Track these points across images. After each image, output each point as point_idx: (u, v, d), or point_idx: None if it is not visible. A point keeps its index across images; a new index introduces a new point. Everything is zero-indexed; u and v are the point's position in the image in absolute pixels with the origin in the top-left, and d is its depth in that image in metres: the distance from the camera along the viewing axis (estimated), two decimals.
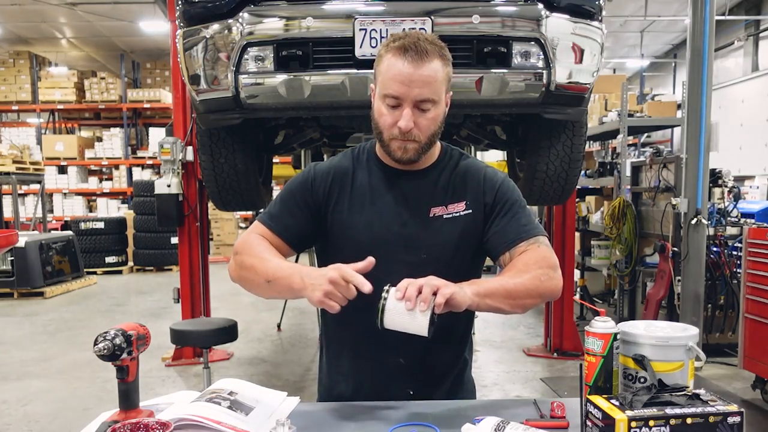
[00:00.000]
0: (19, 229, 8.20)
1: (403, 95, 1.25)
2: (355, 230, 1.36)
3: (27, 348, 5.19)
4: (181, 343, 3.43)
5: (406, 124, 1.26)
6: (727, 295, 4.52)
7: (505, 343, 5.15)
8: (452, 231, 1.36)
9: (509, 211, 1.36)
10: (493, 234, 1.36)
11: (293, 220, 1.39)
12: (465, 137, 3.65)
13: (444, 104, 1.32)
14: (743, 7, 10.93)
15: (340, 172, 1.41)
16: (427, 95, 1.25)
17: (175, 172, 4.53)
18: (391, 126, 1.28)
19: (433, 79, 1.25)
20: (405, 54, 1.24)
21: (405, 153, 1.31)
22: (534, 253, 1.31)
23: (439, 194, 1.38)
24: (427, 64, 1.24)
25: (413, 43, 1.25)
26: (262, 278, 1.28)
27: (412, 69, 1.23)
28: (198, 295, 4.73)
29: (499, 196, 1.37)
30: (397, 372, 1.38)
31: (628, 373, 1.13)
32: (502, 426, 1.03)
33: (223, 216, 10.81)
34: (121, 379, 1.15)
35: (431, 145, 1.34)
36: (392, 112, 1.28)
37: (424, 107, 1.27)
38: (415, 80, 1.23)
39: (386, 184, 1.38)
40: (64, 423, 3.53)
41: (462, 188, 1.38)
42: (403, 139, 1.29)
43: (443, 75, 1.28)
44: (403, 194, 1.37)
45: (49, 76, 12.18)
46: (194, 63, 2.64)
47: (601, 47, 2.70)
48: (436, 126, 1.31)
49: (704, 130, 4.13)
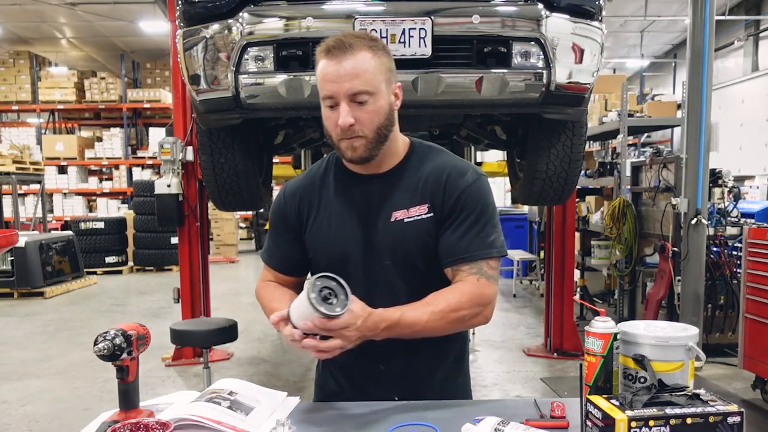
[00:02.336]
0: (19, 229, 8.21)
1: (335, 92, 1.24)
2: (324, 243, 1.38)
3: (27, 348, 5.19)
4: (181, 343, 3.43)
5: (343, 120, 1.24)
6: (727, 295, 4.52)
7: (505, 343, 5.15)
8: (414, 235, 1.32)
9: (465, 222, 1.31)
10: (443, 243, 1.32)
11: (281, 252, 1.45)
12: (465, 137, 3.65)
13: (387, 95, 1.29)
14: (743, 7, 10.94)
15: (308, 189, 1.42)
16: (358, 87, 1.23)
17: (175, 172, 4.53)
18: (334, 127, 1.27)
19: (362, 70, 1.23)
20: (329, 53, 1.24)
21: (354, 152, 1.28)
22: (470, 287, 1.29)
23: (402, 197, 1.34)
24: (351, 56, 1.23)
25: (336, 40, 1.25)
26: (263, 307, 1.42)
27: (338, 64, 1.23)
28: (198, 295, 4.73)
29: (459, 203, 1.32)
30: (380, 378, 1.38)
31: (628, 373, 1.13)
32: (502, 426, 1.03)
33: (223, 216, 10.81)
34: (121, 379, 1.15)
35: (382, 139, 1.30)
36: (333, 113, 1.26)
37: (361, 100, 1.24)
38: (342, 74, 1.22)
39: (350, 191, 1.38)
40: (64, 423, 3.53)
41: (425, 190, 1.34)
42: (348, 137, 1.27)
43: (375, 65, 1.25)
44: (366, 200, 1.36)
45: (49, 76, 12.18)
46: (194, 63, 2.64)
47: (601, 47, 2.70)
48: (380, 118, 1.27)
49: (704, 130, 4.13)
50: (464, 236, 1.31)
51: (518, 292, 7.32)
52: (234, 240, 11.31)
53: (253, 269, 10.49)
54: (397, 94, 1.32)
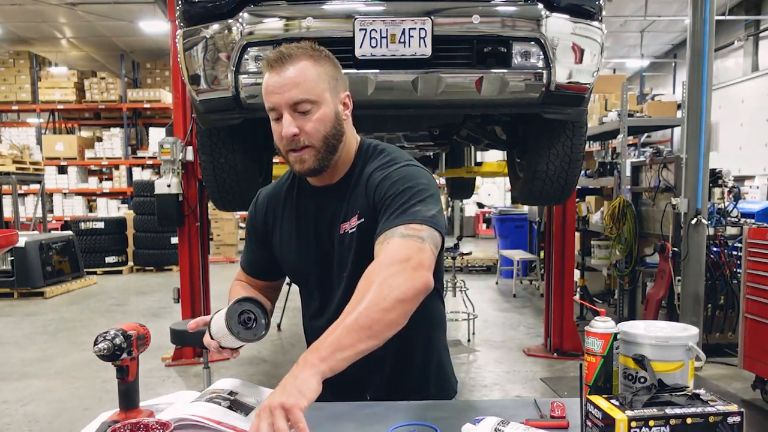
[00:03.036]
0: (19, 229, 8.21)
1: (277, 103, 1.23)
2: (287, 258, 1.41)
3: (27, 348, 5.19)
4: (181, 343, 3.42)
5: (287, 130, 1.22)
6: (727, 295, 4.52)
7: (505, 343, 5.15)
8: (357, 244, 1.29)
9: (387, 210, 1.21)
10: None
11: (255, 257, 1.48)
12: (465, 137, 3.65)
13: (333, 103, 1.26)
14: (743, 7, 10.94)
15: (274, 200, 1.44)
16: (298, 96, 1.22)
17: (175, 172, 4.53)
18: (280, 139, 1.25)
19: (301, 79, 1.22)
20: (271, 66, 1.24)
21: (303, 164, 1.26)
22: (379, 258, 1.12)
23: (345, 208, 1.33)
24: (290, 66, 1.22)
25: (277, 52, 1.24)
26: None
27: (278, 75, 1.23)
28: (198, 295, 4.73)
29: (378, 194, 1.25)
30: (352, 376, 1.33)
31: (628, 373, 1.13)
32: (502, 426, 1.03)
33: (223, 216, 10.81)
34: (121, 379, 1.15)
35: (331, 149, 1.27)
36: (278, 125, 1.25)
37: (303, 109, 1.23)
38: (282, 85, 1.22)
39: (307, 205, 1.38)
40: (64, 423, 3.53)
41: (356, 198, 1.31)
42: (295, 149, 1.25)
43: (316, 73, 1.24)
44: (319, 213, 1.36)
45: (49, 76, 12.18)
46: (194, 63, 2.64)
47: (601, 47, 2.70)
48: (326, 127, 1.25)
49: (704, 130, 4.13)
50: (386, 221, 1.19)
51: (518, 292, 7.32)
52: (234, 240, 11.31)
53: None
54: (346, 103, 1.30)
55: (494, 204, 13.70)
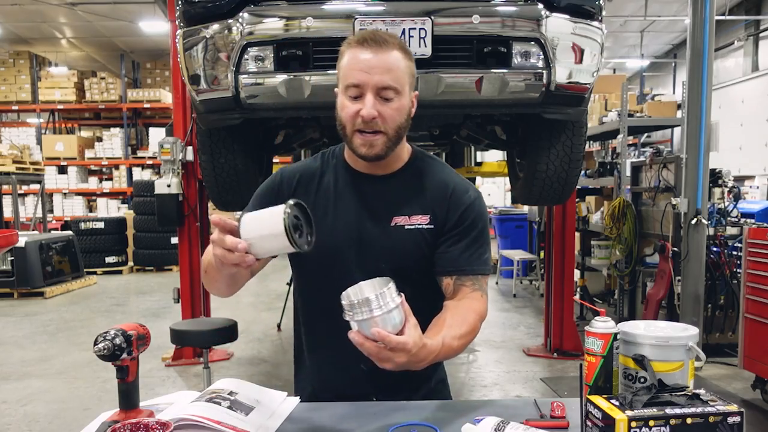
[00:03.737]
0: (19, 229, 8.20)
1: (364, 82, 1.22)
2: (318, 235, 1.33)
3: (27, 348, 5.20)
4: (181, 343, 3.43)
5: (368, 112, 1.22)
6: (727, 295, 4.52)
7: (505, 343, 5.15)
8: (412, 243, 1.33)
9: (468, 236, 1.33)
10: (446, 254, 1.33)
11: None
12: (465, 137, 3.65)
13: (408, 99, 1.29)
14: (743, 7, 10.94)
15: (307, 175, 1.39)
16: (388, 82, 1.23)
17: (175, 172, 4.53)
18: (353, 116, 1.25)
19: (394, 66, 1.23)
20: (364, 43, 1.24)
21: (372, 149, 1.27)
22: (479, 305, 1.30)
23: (403, 203, 1.34)
24: (386, 51, 1.23)
25: (371, 34, 1.26)
26: (204, 274, 1.33)
27: (372, 55, 1.22)
28: (198, 295, 4.73)
29: (463, 218, 1.34)
30: (358, 377, 1.34)
31: (628, 373, 1.13)
32: (502, 426, 1.03)
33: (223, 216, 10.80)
34: (121, 379, 1.15)
35: (398, 139, 1.30)
36: (354, 103, 1.24)
37: (387, 95, 1.24)
38: (375, 66, 1.22)
39: (351, 189, 1.36)
40: (64, 423, 3.53)
41: (428, 200, 1.34)
42: (367, 131, 1.25)
43: (404, 66, 1.26)
44: (366, 200, 1.35)
45: (49, 76, 12.18)
46: (194, 63, 2.64)
47: (601, 47, 2.70)
48: (401, 118, 1.27)
49: (704, 130, 4.14)
50: (466, 251, 1.33)
51: (518, 292, 7.32)
52: None
53: None
54: (414, 102, 1.33)
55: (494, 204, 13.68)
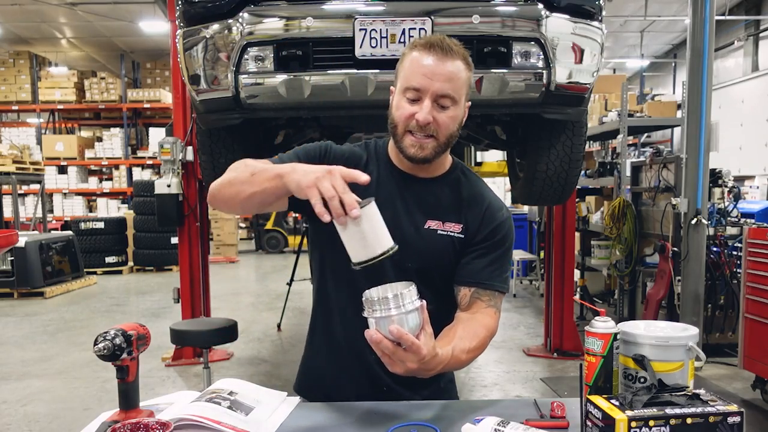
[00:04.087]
0: (19, 229, 8.21)
1: (425, 87, 1.24)
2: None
3: (27, 348, 5.20)
4: (181, 343, 3.42)
5: (424, 117, 1.24)
6: (727, 295, 4.52)
7: (505, 343, 5.15)
8: (441, 248, 1.35)
9: (493, 253, 1.36)
10: (469, 265, 1.35)
11: None
12: (465, 137, 3.65)
13: (463, 109, 1.31)
14: (743, 7, 10.94)
15: (354, 159, 1.40)
16: (448, 90, 1.25)
17: (175, 172, 4.53)
18: (408, 118, 1.27)
19: (455, 76, 1.25)
20: (430, 49, 1.25)
21: (421, 151, 1.29)
22: (491, 322, 1.31)
23: (439, 209, 1.36)
24: (451, 60, 1.25)
25: (439, 41, 1.26)
26: (247, 173, 1.23)
27: (436, 63, 1.24)
28: (198, 295, 4.73)
29: (493, 234, 1.37)
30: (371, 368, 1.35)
31: (628, 373, 1.13)
32: (502, 426, 1.03)
33: (223, 216, 10.82)
34: (121, 379, 1.15)
35: (447, 146, 1.33)
36: (411, 105, 1.27)
37: (444, 104, 1.26)
38: (438, 73, 1.24)
39: (392, 185, 1.37)
40: (64, 423, 3.53)
41: (463, 210, 1.37)
42: (420, 134, 1.28)
43: (465, 77, 1.28)
44: (404, 199, 1.36)
45: (49, 76, 12.19)
46: (194, 63, 2.64)
47: (601, 47, 2.70)
48: (454, 127, 1.30)
49: (704, 130, 4.14)
50: (490, 266, 1.35)
51: (518, 292, 7.32)
52: (234, 240, 11.32)
53: (253, 269, 10.50)
54: (466, 111, 1.34)
55: None
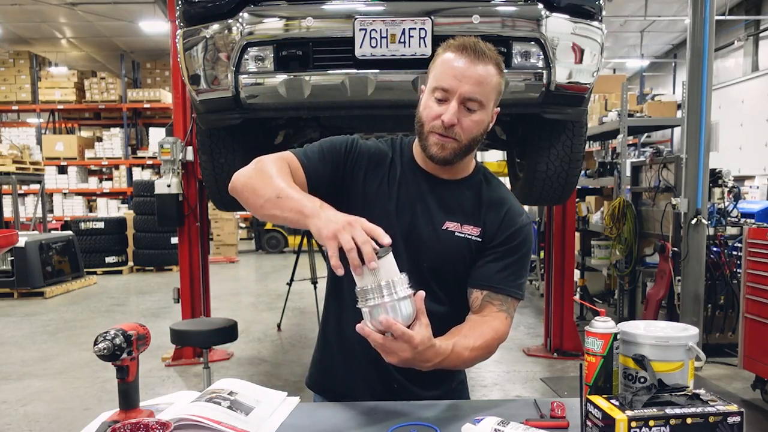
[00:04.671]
0: (19, 229, 8.20)
1: (453, 89, 1.24)
2: (371, 217, 1.19)
3: (27, 348, 5.19)
4: (181, 343, 3.42)
5: (450, 118, 1.24)
6: (727, 295, 4.52)
7: (505, 343, 5.10)
8: (457, 250, 1.34)
9: (509, 258, 1.35)
10: (483, 267, 1.35)
11: (324, 168, 1.34)
12: None
13: (490, 114, 1.31)
14: (743, 7, 10.94)
15: (379, 156, 1.40)
16: (476, 94, 1.24)
17: (175, 172, 4.53)
18: (434, 117, 1.27)
19: (485, 81, 1.25)
20: (463, 51, 1.25)
21: (442, 150, 1.29)
22: (501, 326, 1.31)
23: (459, 211, 1.36)
24: (482, 64, 1.24)
25: (473, 43, 1.26)
26: (273, 191, 1.20)
27: (467, 65, 1.24)
28: (198, 295, 4.73)
29: (510, 239, 1.36)
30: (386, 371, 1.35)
31: (628, 373, 1.13)
32: (502, 426, 1.03)
33: (223, 216, 10.82)
34: (121, 379, 1.15)
35: (470, 150, 1.32)
36: (438, 105, 1.27)
37: (471, 107, 1.26)
38: (468, 76, 1.23)
39: (414, 184, 1.37)
40: (64, 423, 3.53)
41: (482, 214, 1.37)
42: (443, 135, 1.27)
43: (495, 83, 1.27)
44: (425, 198, 1.36)
45: (49, 76, 12.18)
46: (194, 63, 2.64)
47: (601, 47, 2.70)
48: (479, 131, 1.30)
49: (704, 130, 4.14)
50: (505, 270, 1.34)
51: None
52: (234, 240, 11.31)
53: (253, 269, 10.49)
54: (493, 117, 1.34)
55: None
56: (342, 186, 1.36)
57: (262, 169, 1.27)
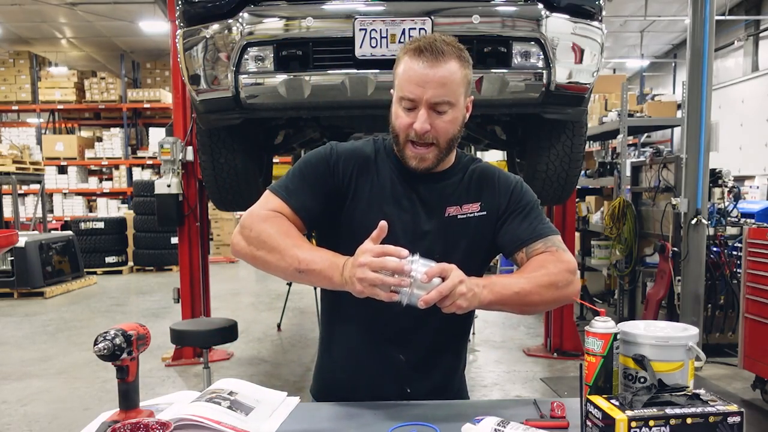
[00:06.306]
0: (19, 229, 8.20)
1: (418, 97, 1.22)
2: (371, 226, 1.18)
3: (27, 348, 5.20)
4: (181, 343, 3.43)
5: (421, 126, 1.23)
6: (727, 295, 4.52)
7: (505, 343, 5.15)
8: (465, 231, 1.35)
9: (522, 212, 1.36)
10: (507, 233, 1.35)
11: (312, 198, 1.32)
12: (465, 137, 3.65)
13: (463, 107, 1.29)
14: (743, 7, 10.94)
15: (363, 159, 1.36)
16: (442, 97, 1.22)
17: (175, 172, 4.53)
18: (406, 127, 1.26)
19: (448, 81, 1.22)
20: (420, 55, 1.21)
21: (422, 162, 1.28)
22: (554, 256, 1.30)
23: (454, 195, 1.37)
24: (442, 65, 1.21)
25: (429, 44, 1.22)
26: (290, 266, 1.19)
27: (427, 70, 1.21)
28: (198, 295, 4.73)
29: (514, 198, 1.37)
30: (395, 369, 1.36)
31: (628, 373, 1.13)
32: (502, 426, 1.03)
33: (223, 216, 10.81)
34: (121, 379, 1.15)
35: (450, 149, 1.32)
36: (408, 114, 1.25)
37: (441, 109, 1.24)
38: (430, 81, 1.21)
39: (405, 185, 1.36)
40: (64, 423, 3.53)
41: (476, 190, 1.37)
42: (420, 144, 1.26)
43: (460, 77, 1.24)
44: (420, 196, 1.36)
45: (49, 76, 12.18)
46: (194, 63, 2.64)
47: (601, 47, 2.70)
48: (454, 129, 1.28)
49: (704, 130, 4.14)
50: (525, 221, 1.35)
51: None
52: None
53: (253, 269, 10.45)
54: (468, 107, 1.32)
55: None
56: (336, 200, 1.35)
57: (264, 241, 1.24)
